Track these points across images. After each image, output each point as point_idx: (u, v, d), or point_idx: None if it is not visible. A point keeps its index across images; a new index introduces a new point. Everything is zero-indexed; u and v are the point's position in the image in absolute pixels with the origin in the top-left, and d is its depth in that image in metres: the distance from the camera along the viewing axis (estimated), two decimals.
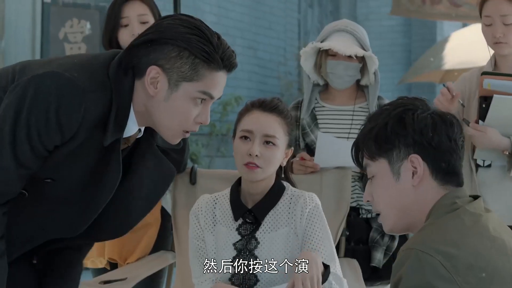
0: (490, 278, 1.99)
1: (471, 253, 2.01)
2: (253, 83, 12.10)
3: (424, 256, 1.98)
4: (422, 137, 2.14)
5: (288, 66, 12.76)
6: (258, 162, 2.90)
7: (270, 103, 2.96)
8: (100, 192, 2.40)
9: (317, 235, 2.92)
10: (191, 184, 3.66)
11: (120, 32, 3.89)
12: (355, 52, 3.75)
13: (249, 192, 2.98)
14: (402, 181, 2.16)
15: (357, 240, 3.81)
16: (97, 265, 3.89)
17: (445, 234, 2.05)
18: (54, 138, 2.25)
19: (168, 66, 2.29)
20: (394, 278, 2.03)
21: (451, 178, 2.16)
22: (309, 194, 2.99)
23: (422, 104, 2.19)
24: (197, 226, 3.00)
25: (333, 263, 2.92)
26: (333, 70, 3.82)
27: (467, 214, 2.10)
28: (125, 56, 2.35)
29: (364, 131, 2.22)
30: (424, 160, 2.14)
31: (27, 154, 2.25)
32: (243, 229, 2.95)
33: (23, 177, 2.30)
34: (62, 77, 2.24)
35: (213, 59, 2.31)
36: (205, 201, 3.04)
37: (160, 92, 2.31)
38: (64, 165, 2.33)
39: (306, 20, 14.15)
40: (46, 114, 2.22)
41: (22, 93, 2.24)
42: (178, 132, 2.40)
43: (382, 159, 2.18)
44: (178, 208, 3.64)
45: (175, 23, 2.32)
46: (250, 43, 12.16)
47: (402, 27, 14.93)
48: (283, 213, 2.96)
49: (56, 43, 8.70)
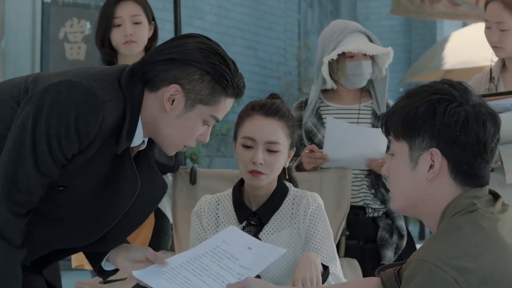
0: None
1: (486, 266, 1.95)
2: (253, 83, 12.09)
3: (437, 271, 1.93)
4: (449, 132, 2.03)
5: (288, 66, 12.75)
6: (262, 169, 2.89)
7: (271, 106, 2.94)
8: (115, 201, 2.41)
9: (319, 235, 2.92)
10: (191, 184, 3.66)
11: (113, 32, 3.88)
12: (380, 51, 3.80)
13: (253, 194, 2.97)
14: (418, 171, 2.09)
15: (365, 239, 3.81)
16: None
17: (461, 245, 1.98)
18: (73, 147, 2.27)
19: (189, 87, 2.35)
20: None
21: (471, 180, 2.08)
22: (311, 194, 2.98)
23: (461, 95, 2.07)
24: (199, 227, 3.00)
25: (334, 263, 2.92)
26: (355, 71, 3.82)
27: (485, 219, 2.03)
28: (141, 68, 2.38)
29: (397, 106, 2.13)
30: (445, 157, 2.05)
31: (48, 163, 2.26)
32: (247, 231, 2.94)
33: (44, 186, 2.31)
34: (81, 86, 2.26)
35: (232, 87, 2.39)
36: (207, 202, 3.03)
37: (175, 109, 2.37)
38: (77, 174, 2.34)
39: (306, 20, 14.14)
40: (65, 122, 2.23)
41: (39, 102, 2.25)
42: (179, 146, 2.47)
43: (405, 142, 2.10)
44: (178, 208, 3.63)
45: (200, 47, 2.37)
46: (250, 43, 12.16)
47: (402, 27, 14.94)
48: (287, 214, 2.96)
49: (56, 43, 8.69)
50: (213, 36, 9.39)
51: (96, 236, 2.46)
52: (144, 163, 2.52)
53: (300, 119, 3.91)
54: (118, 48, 3.91)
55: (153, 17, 3.99)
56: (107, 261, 2.60)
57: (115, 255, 2.57)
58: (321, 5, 14.72)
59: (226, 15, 11.68)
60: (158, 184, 2.57)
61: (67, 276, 2.57)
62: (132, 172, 2.40)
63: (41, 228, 2.38)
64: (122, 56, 3.95)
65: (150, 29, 3.97)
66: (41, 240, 2.42)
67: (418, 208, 2.14)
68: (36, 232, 2.37)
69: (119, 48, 3.91)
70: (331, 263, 2.90)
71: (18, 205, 2.28)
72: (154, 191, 2.56)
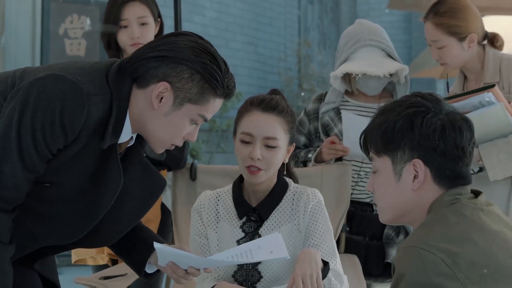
0: (492, 274, 1.99)
1: (472, 250, 2.01)
2: (253, 79, 12.09)
3: (426, 254, 1.98)
4: (428, 142, 2.12)
5: (288, 62, 12.75)
6: (260, 165, 2.89)
7: (270, 102, 2.93)
8: (101, 198, 2.41)
9: (319, 231, 2.92)
10: (191, 180, 3.66)
11: (120, 33, 3.87)
12: (388, 71, 3.76)
13: (252, 190, 2.97)
14: (403, 183, 2.16)
15: (372, 236, 3.81)
16: (98, 262, 3.88)
17: (447, 232, 2.04)
18: (58, 141, 2.26)
19: (178, 85, 2.34)
20: (395, 275, 2.03)
21: (454, 182, 2.15)
22: (312, 190, 2.99)
23: (435, 106, 2.16)
24: (199, 223, 3.00)
25: (334, 259, 2.92)
26: (367, 85, 3.81)
27: (468, 209, 2.10)
28: (131, 63, 2.37)
29: (374, 124, 2.21)
30: (427, 166, 2.13)
31: (34, 158, 2.25)
32: (247, 227, 2.95)
33: (30, 181, 2.30)
34: (66, 80, 2.25)
35: (221, 87, 2.38)
36: (208, 197, 3.03)
37: (163, 106, 2.36)
38: (63, 170, 2.33)
39: (306, 16, 14.14)
40: (50, 116, 2.22)
41: (24, 97, 2.23)
42: (166, 144, 2.46)
43: (386, 157, 2.18)
44: (178, 204, 3.63)
45: (191, 45, 2.36)
46: (250, 39, 12.15)
47: (402, 23, 14.93)
48: (287, 210, 2.96)
49: (56, 39, 8.70)
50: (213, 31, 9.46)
51: (81, 234, 2.46)
52: (136, 159, 2.52)
53: (317, 111, 3.91)
54: (125, 48, 3.91)
55: (159, 14, 3.99)
56: (149, 264, 2.62)
57: (155, 256, 2.59)
58: (321, 1, 14.71)
59: (226, 11, 11.68)
60: (154, 180, 2.56)
61: (67, 272, 2.56)
62: (117, 169, 2.39)
63: (26, 224, 2.37)
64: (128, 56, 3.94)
65: (156, 26, 3.97)
66: (27, 236, 2.41)
67: (406, 218, 2.21)
68: (21, 228, 2.36)
69: (126, 49, 3.91)
70: (331, 259, 2.90)
71: (4, 201, 2.27)
72: (150, 187, 2.55)
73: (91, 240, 2.54)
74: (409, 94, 2.26)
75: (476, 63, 3.75)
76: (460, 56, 3.71)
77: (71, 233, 2.43)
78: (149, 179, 2.55)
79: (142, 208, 2.58)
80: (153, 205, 2.62)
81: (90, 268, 4.05)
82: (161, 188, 2.59)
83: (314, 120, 3.93)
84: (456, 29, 3.66)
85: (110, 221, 2.50)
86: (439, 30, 3.69)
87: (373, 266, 3.60)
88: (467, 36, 3.67)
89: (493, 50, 3.74)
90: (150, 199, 2.58)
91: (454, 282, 1.95)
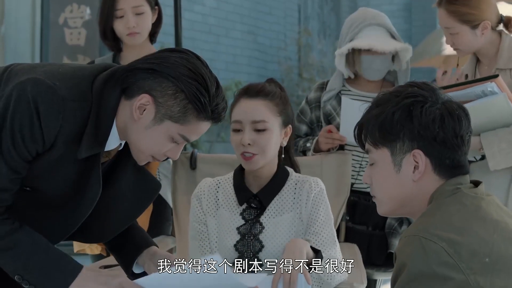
0: (494, 263, 1.99)
1: (474, 239, 2.00)
2: (253, 68, 12.08)
3: (428, 243, 1.98)
4: (428, 132, 2.11)
5: (288, 51, 12.73)
6: (252, 150, 2.90)
7: (255, 87, 2.95)
8: (80, 205, 2.42)
9: (320, 219, 2.93)
10: (191, 169, 3.66)
11: (116, 23, 3.87)
12: (393, 48, 3.78)
13: (253, 177, 2.98)
14: (403, 174, 2.15)
15: (374, 225, 3.81)
16: (93, 251, 3.91)
17: (448, 221, 2.04)
18: (36, 145, 2.27)
19: (160, 100, 2.33)
20: (397, 264, 2.03)
21: (454, 171, 2.14)
22: (314, 179, 2.99)
23: (431, 95, 2.15)
24: (199, 209, 3.01)
25: (334, 247, 2.93)
26: (371, 65, 3.82)
27: (469, 198, 2.10)
28: (123, 73, 2.37)
29: (370, 116, 2.20)
30: (428, 156, 2.13)
31: (15, 159, 2.28)
32: (247, 214, 2.96)
33: (16, 183, 2.32)
34: (43, 84, 2.26)
35: (204, 110, 2.35)
36: (208, 184, 3.04)
37: (144, 119, 2.35)
38: (43, 177, 2.35)
39: (306, 5, 14.11)
40: (28, 119, 2.24)
41: (6, 100, 2.27)
42: (147, 157, 2.44)
43: (385, 148, 2.16)
44: (178, 193, 3.63)
45: (182, 63, 2.34)
46: (250, 28, 12.13)
47: (402, 13, 14.91)
48: (288, 198, 2.97)
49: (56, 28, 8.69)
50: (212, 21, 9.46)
51: (61, 239, 2.48)
52: (128, 162, 2.52)
53: (318, 100, 3.91)
54: (122, 38, 3.92)
55: (157, 3, 3.98)
56: (137, 264, 2.63)
57: (144, 258, 2.61)
58: None
59: (226, 0, 11.65)
60: (148, 183, 2.58)
61: None
62: (97, 177, 2.39)
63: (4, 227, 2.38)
64: (127, 45, 3.94)
65: (154, 14, 3.96)
66: None
67: (406, 208, 2.21)
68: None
69: (122, 39, 3.92)
70: (331, 247, 2.91)
71: None
72: (143, 190, 2.57)
73: (82, 236, 2.58)
74: (403, 84, 2.25)
75: (490, 49, 3.74)
76: (472, 43, 3.70)
77: (50, 238, 2.42)
78: (143, 182, 2.56)
79: (136, 211, 2.60)
80: (148, 207, 2.63)
81: (89, 257, 4.07)
82: (155, 191, 2.61)
83: (316, 109, 3.93)
84: (468, 17, 3.65)
85: (103, 222, 2.53)
86: (452, 18, 3.68)
87: (375, 256, 3.61)
88: (480, 24, 3.65)
89: (510, 37, 3.73)
90: (144, 201, 2.60)
91: (456, 271, 1.95)
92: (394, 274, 2.04)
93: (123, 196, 2.53)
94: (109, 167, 2.53)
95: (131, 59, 3.93)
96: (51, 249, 2.34)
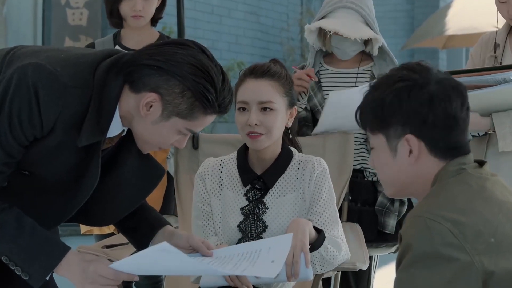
0: (499, 243, 1.98)
1: (479, 219, 2.00)
2: (256, 49, 12.06)
3: (433, 224, 1.97)
4: (417, 115, 2.09)
5: (290, 32, 12.71)
6: (259, 130, 2.89)
7: (261, 67, 2.94)
8: (78, 192, 2.42)
9: (323, 199, 2.93)
10: (194, 149, 3.66)
11: (122, 3, 3.89)
12: (360, 36, 3.73)
13: (257, 158, 2.98)
14: (399, 158, 2.14)
15: (364, 201, 3.82)
16: (104, 231, 3.91)
17: (453, 201, 2.04)
18: (33, 130, 2.27)
19: (168, 98, 2.32)
20: (402, 245, 2.03)
21: (452, 152, 2.13)
22: (317, 159, 3.00)
23: (422, 77, 2.13)
24: (203, 189, 3.01)
25: (336, 227, 2.93)
26: (338, 46, 3.81)
27: (473, 179, 2.09)
28: (127, 66, 2.35)
29: (367, 100, 2.19)
30: (421, 139, 2.11)
31: (11, 143, 2.27)
32: (251, 195, 2.96)
33: (10, 166, 2.32)
34: (45, 69, 2.26)
35: (211, 106, 2.35)
36: (211, 164, 3.04)
37: (151, 115, 2.35)
38: (42, 162, 2.35)
39: None
40: (26, 103, 2.24)
41: (7, 84, 2.26)
42: (153, 147, 2.46)
43: (380, 134, 2.16)
44: (181, 173, 3.64)
45: (188, 61, 2.32)
46: (253, 9, 12.11)
47: None
48: (292, 179, 2.97)
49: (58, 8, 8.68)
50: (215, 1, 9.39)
51: (62, 221, 2.49)
52: (132, 148, 2.51)
53: None
54: (126, 18, 3.94)
55: None
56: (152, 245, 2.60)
57: (159, 239, 2.58)
58: None
59: None
60: (152, 168, 2.58)
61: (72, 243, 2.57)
62: (96, 165, 2.39)
63: None
64: (128, 26, 3.97)
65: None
66: None
67: (410, 190, 2.20)
68: None
69: (126, 19, 3.94)
70: (333, 227, 2.91)
71: None
72: (148, 175, 2.57)
73: (86, 220, 2.59)
74: (397, 66, 2.23)
75: None
76: None
77: (47, 222, 2.43)
78: (146, 167, 2.56)
79: (140, 196, 2.59)
80: (152, 192, 2.63)
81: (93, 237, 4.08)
82: (159, 177, 2.60)
83: None
84: None
85: (106, 206, 2.53)
86: None
87: (366, 232, 3.61)
88: None
89: None
90: (147, 187, 2.59)
91: (461, 252, 1.95)
92: (399, 255, 2.04)
93: (126, 181, 2.52)
94: (112, 152, 2.52)
95: (132, 40, 3.96)
96: (37, 231, 2.34)
